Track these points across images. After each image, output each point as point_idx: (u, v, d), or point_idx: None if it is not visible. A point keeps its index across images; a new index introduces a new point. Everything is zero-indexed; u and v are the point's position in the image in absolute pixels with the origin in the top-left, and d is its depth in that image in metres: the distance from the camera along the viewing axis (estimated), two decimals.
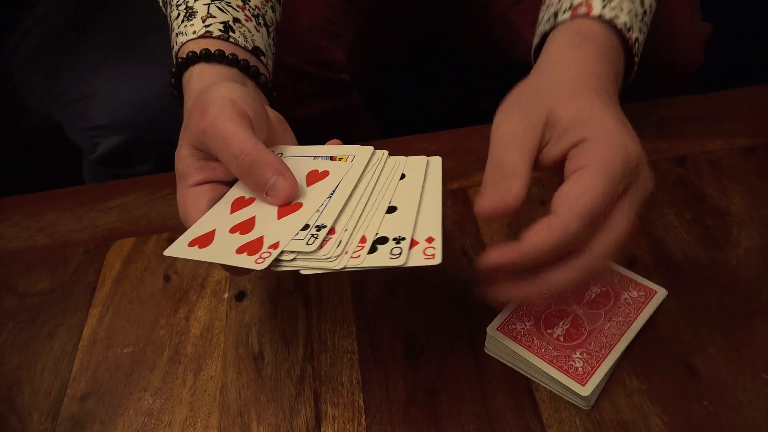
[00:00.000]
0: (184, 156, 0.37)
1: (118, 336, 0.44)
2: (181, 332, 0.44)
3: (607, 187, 0.31)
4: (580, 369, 0.37)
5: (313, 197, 0.35)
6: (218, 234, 0.34)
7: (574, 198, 0.31)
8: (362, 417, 0.38)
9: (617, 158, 0.31)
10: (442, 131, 0.57)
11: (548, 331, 0.39)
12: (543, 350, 0.38)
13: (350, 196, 0.35)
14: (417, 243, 0.32)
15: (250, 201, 0.36)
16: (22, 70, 0.73)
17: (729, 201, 0.48)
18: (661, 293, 0.40)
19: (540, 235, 0.31)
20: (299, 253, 0.32)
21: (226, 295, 0.46)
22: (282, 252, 0.32)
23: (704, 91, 0.58)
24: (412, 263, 0.31)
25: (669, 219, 0.47)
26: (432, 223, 0.33)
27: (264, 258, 0.31)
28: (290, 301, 0.45)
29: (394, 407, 0.38)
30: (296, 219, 0.34)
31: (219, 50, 0.41)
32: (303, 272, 0.32)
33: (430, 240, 0.32)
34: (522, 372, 0.39)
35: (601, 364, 0.37)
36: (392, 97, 0.90)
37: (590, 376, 0.36)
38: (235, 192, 0.37)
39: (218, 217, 0.35)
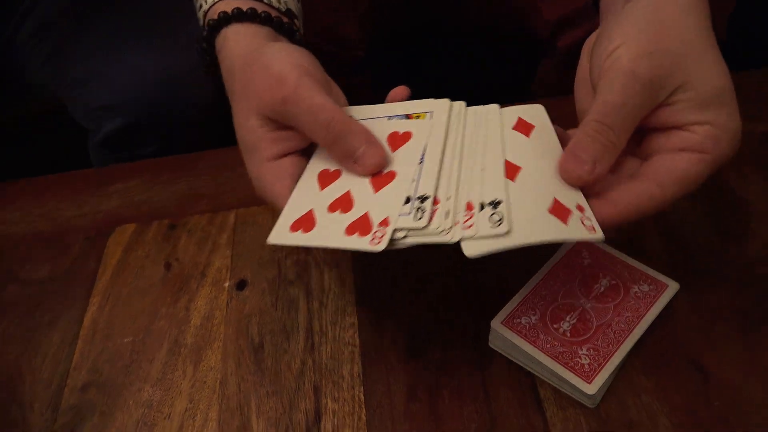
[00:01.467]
0: (253, 127, 0.35)
1: (118, 326, 0.44)
2: (181, 322, 0.43)
3: (712, 172, 0.32)
4: (587, 366, 0.36)
5: (403, 164, 0.34)
6: (318, 214, 0.33)
7: (682, 179, 0.31)
8: (362, 411, 0.37)
9: (731, 152, 0.32)
10: None
11: (554, 325, 0.38)
12: (548, 345, 0.37)
13: (442, 158, 0.33)
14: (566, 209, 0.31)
15: (337, 174, 0.35)
16: (27, 47, 0.72)
17: (747, 190, 0.46)
18: (672, 287, 0.39)
19: (639, 205, 0.31)
20: (409, 229, 0.30)
21: (227, 284, 0.45)
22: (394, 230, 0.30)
23: None
24: (572, 235, 0.30)
25: (683, 208, 0.45)
26: (556, 185, 0.32)
27: (379, 238, 0.30)
28: (291, 290, 0.44)
29: (395, 402, 0.37)
30: (395, 190, 0.32)
31: (251, 8, 0.39)
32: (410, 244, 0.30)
33: (580, 208, 0.31)
34: (526, 368, 0.38)
35: (608, 361, 0.36)
36: (404, 74, 0.88)
37: (597, 374, 0.35)
38: (317, 165, 0.35)
39: (310, 195, 0.34)
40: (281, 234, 0.33)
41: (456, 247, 0.30)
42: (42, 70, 0.72)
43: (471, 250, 0.29)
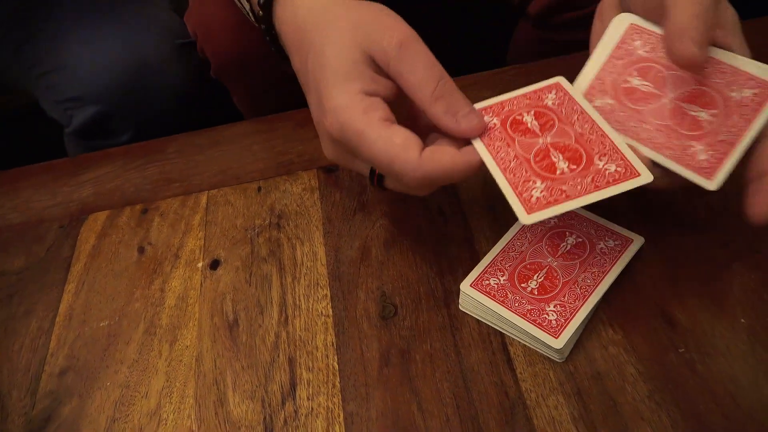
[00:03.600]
0: (356, 59, 0.35)
1: (94, 310, 0.44)
2: (156, 303, 0.44)
3: None
4: (554, 322, 0.36)
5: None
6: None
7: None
8: (336, 379, 0.38)
9: None
10: None
11: (522, 285, 0.38)
12: (517, 305, 0.37)
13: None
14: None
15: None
16: None
17: None
18: (637, 241, 0.39)
19: None
20: None
21: (200, 264, 0.45)
22: None
23: None
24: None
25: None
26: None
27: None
28: (264, 267, 0.44)
29: (369, 368, 0.38)
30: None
31: None
32: None
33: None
34: (496, 328, 0.38)
35: (574, 316, 0.36)
36: None
37: (563, 329, 0.36)
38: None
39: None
40: (538, 215, 0.33)
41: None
42: (12, 67, 0.72)
43: None
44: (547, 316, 0.36)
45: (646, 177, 0.33)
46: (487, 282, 0.39)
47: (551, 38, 0.69)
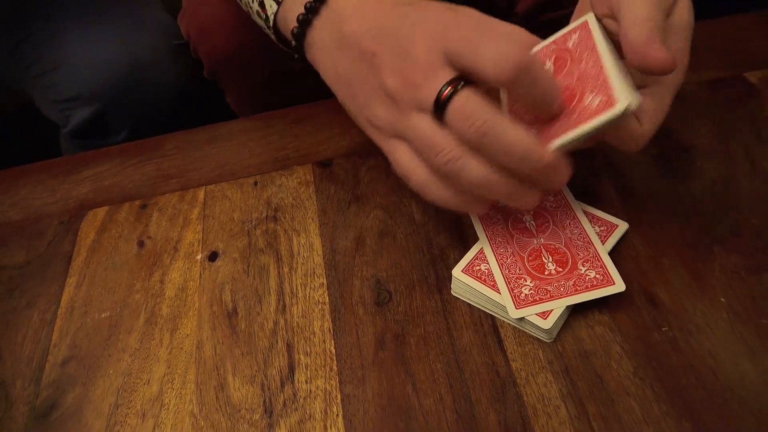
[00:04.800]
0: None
1: (95, 302, 0.45)
2: (156, 295, 0.45)
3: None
4: (595, 276, 0.38)
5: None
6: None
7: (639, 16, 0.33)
8: (334, 363, 0.39)
9: None
10: None
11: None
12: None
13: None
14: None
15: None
16: None
17: (695, 134, 0.48)
18: (622, 227, 0.41)
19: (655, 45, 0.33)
20: None
21: (199, 257, 0.47)
22: None
23: None
24: None
25: (633, 154, 0.47)
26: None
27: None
28: (262, 258, 0.46)
29: (364, 352, 0.39)
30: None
31: None
32: None
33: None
34: (487, 311, 0.40)
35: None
36: None
37: (551, 310, 0.37)
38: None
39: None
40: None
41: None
42: (7, 67, 0.73)
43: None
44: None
45: (619, 287, 0.37)
46: (477, 267, 0.40)
47: (539, 37, 0.70)
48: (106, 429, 0.38)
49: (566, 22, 0.42)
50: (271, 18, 0.42)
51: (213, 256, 0.46)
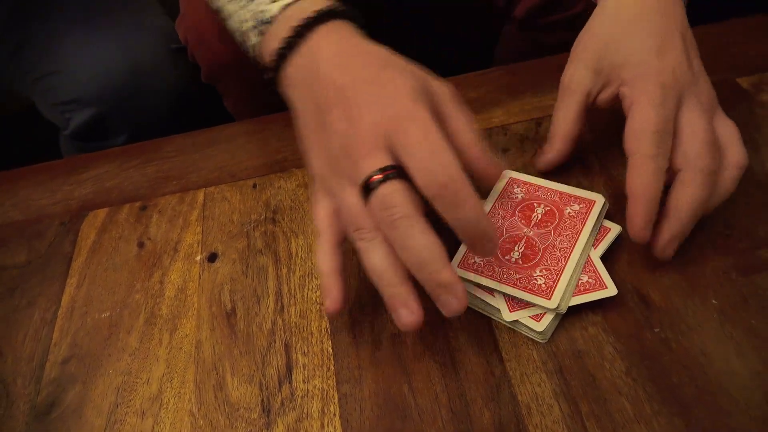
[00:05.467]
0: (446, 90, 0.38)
1: (95, 302, 0.45)
2: (156, 295, 0.45)
3: (658, 108, 0.38)
4: (543, 285, 0.38)
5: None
6: None
7: (638, 131, 0.38)
8: (331, 363, 0.39)
9: (651, 85, 0.39)
10: None
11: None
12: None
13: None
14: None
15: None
16: None
17: None
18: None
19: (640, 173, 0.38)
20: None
21: (198, 258, 0.47)
22: None
23: None
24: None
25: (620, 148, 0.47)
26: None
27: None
28: (260, 259, 0.46)
29: (361, 352, 0.40)
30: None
31: (340, 8, 0.40)
32: None
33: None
34: (484, 312, 0.40)
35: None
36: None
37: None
38: None
39: None
40: None
41: None
42: (7, 71, 0.73)
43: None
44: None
45: (611, 291, 0.39)
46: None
47: (537, 40, 0.71)
48: (106, 427, 0.39)
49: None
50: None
51: (212, 257, 0.47)
